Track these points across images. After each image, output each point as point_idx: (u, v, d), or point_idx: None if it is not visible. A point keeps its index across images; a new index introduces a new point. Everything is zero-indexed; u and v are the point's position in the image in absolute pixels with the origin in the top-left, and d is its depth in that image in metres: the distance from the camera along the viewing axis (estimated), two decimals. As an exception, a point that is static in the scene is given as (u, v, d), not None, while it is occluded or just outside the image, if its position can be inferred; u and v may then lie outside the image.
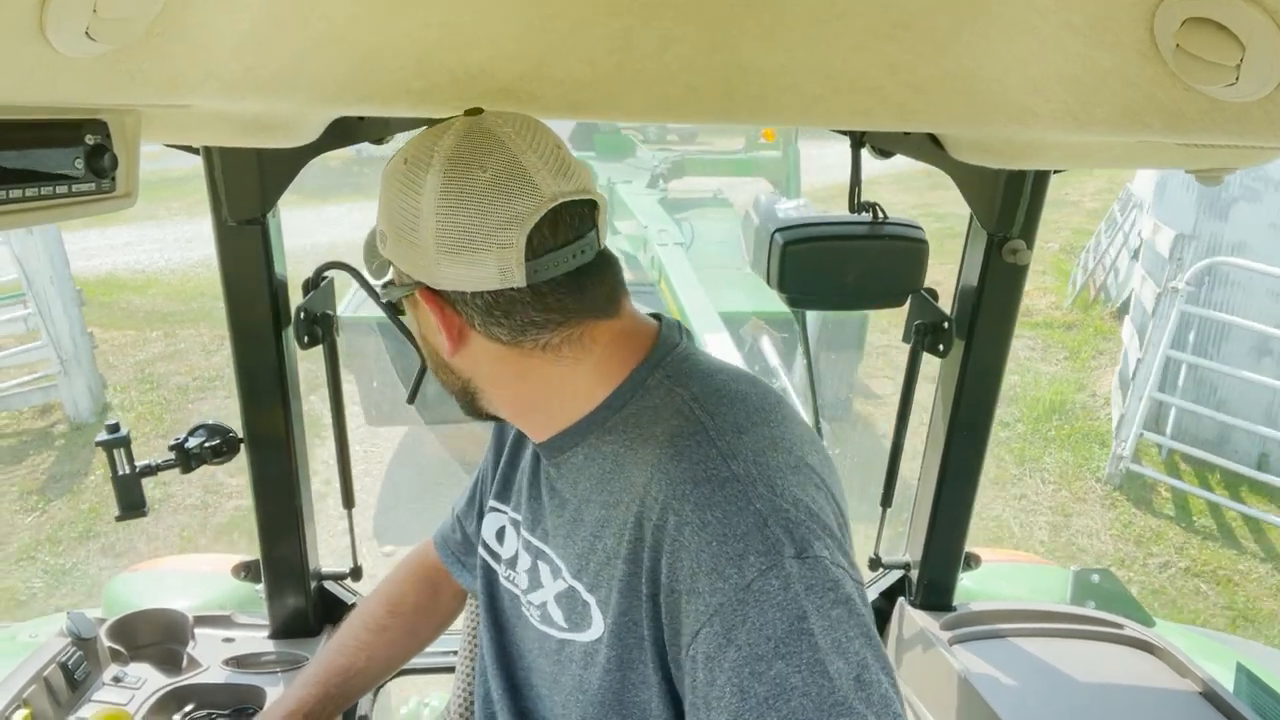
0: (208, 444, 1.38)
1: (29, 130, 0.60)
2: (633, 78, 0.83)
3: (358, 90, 0.84)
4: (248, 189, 1.24)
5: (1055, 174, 1.35)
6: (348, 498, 1.55)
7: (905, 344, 1.53)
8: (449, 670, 1.56)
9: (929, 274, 1.39)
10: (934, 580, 1.66)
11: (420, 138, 0.80)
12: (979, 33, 0.69)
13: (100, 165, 0.66)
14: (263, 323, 1.33)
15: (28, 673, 1.29)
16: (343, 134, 1.21)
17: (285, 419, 1.40)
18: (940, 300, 1.49)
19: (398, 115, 1.19)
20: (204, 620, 1.55)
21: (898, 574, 1.72)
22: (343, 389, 1.49)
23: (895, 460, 1.62)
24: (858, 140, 1.27)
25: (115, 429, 1.32)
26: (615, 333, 0.84)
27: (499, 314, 0.79)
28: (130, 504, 1.33)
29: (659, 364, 0.85)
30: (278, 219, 1.32)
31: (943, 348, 1.49)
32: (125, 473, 1.32)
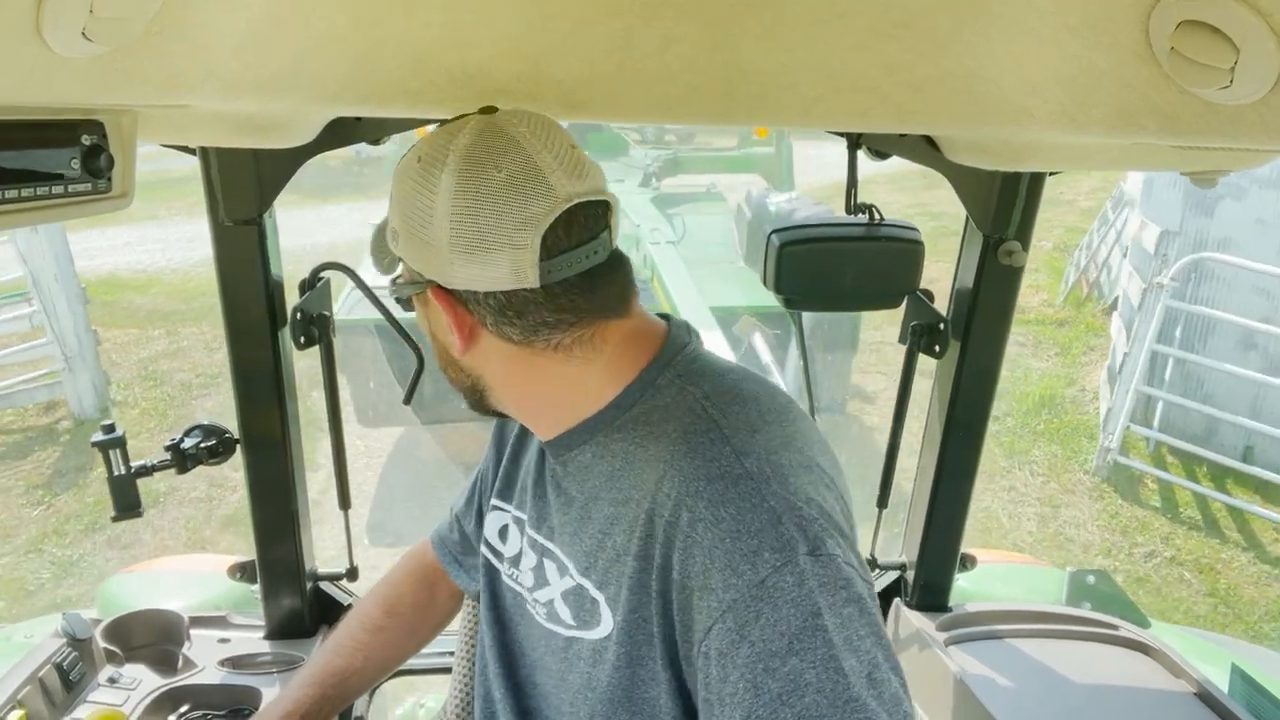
0: (204, 444, 1.38)
1: (25, 130, 0.60)
2: (633, 78, 0.83)
3: (356, 90, 0.84)
4: (244, 189, 1.24)
5: (1051, 175, 1.35)
6: (344, 498, 1.55)
7: (900, 344, 1.53)
8: (445, 671, 1.55)
9: (923, 271, 1.39)
10: (930, 581, 1.66)
11: (434, 136, 0.80)
12: (977, 33, 0.69)
13: (96, 166, 0.66)
14: (259, 323, 1.33)
15: (23, 673, 1.29)
16: (340, 135, 1.20)
17: (281, 419, 1.40)
18: (935, 299, 1.49)
19: (396, 115, 1.19)
20: (199, 621, 1.55)
21: (893, 575, 1.72)
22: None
23: (891, 461, 1.62)
24: (854, 142, 1.28)
25: (110, 429, 1.31)
26: (625, 332, 0.85)
27: (511, 314, 0.80)
28: (126, 505, 1.33)
29: (669, 363, 0.85)
30: (274, 219, 1.31)
31: (939, 349, 1.49)
32: (121, 473, 1.32)
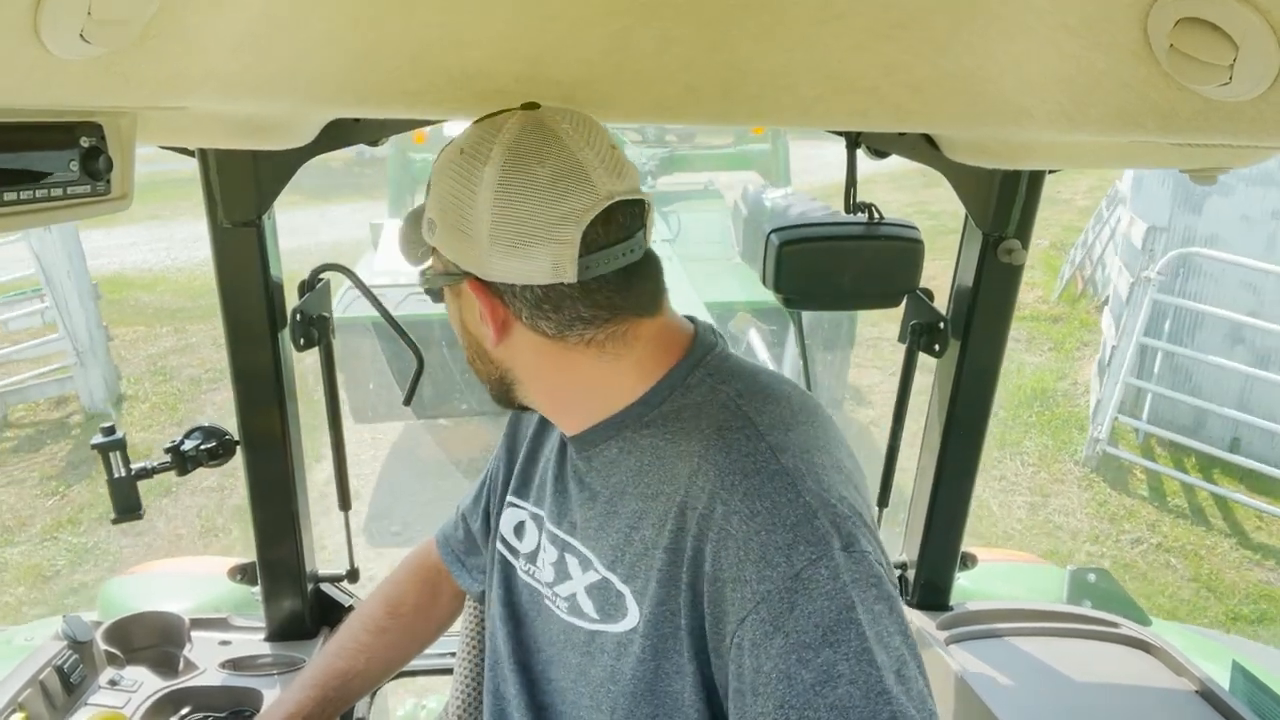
0: (204, 446, 1.38)
1: (23, 132, 0.60)
2: (631, 78, 0.84)
3: (354, 91, 0.84)
4: (243, 191, 1.24)
5: (1050, 174, 1.35)
6: (344, 499, 1.54)
7: (898, 342, 1.53)
8: (446, 672, 1.55)
9: (923, 269, 1.39)
10: (930, 580, 1.66)
11: (477, 130, 0.81)
12: (976, 33, 0.69)
13: (95, 168, 0.66)
14: (259, 324, 1.33)
15: (23, 676, 1.29)
16: (338, 136, 1.20)
17: (282, 421, 1.40)
18: (934, 298, 1.49)
19: (394, 116, 1.19)
20: (200, 623, 1.54)
21: (894, 574, 1.72)
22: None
23: (891, 460, 1.62)
24: (853, 141, 1.27)
25: (110, 431, 1.31)
26: (656, 331, 0.86)
27: (548, 308, 0.81)
28: (126, 507, 1.32)
29: (699, 363, 0.87)
30: (273, 221, 1.31)
31: (938, 347, 1.49)
32: (121, 475, 1.31)
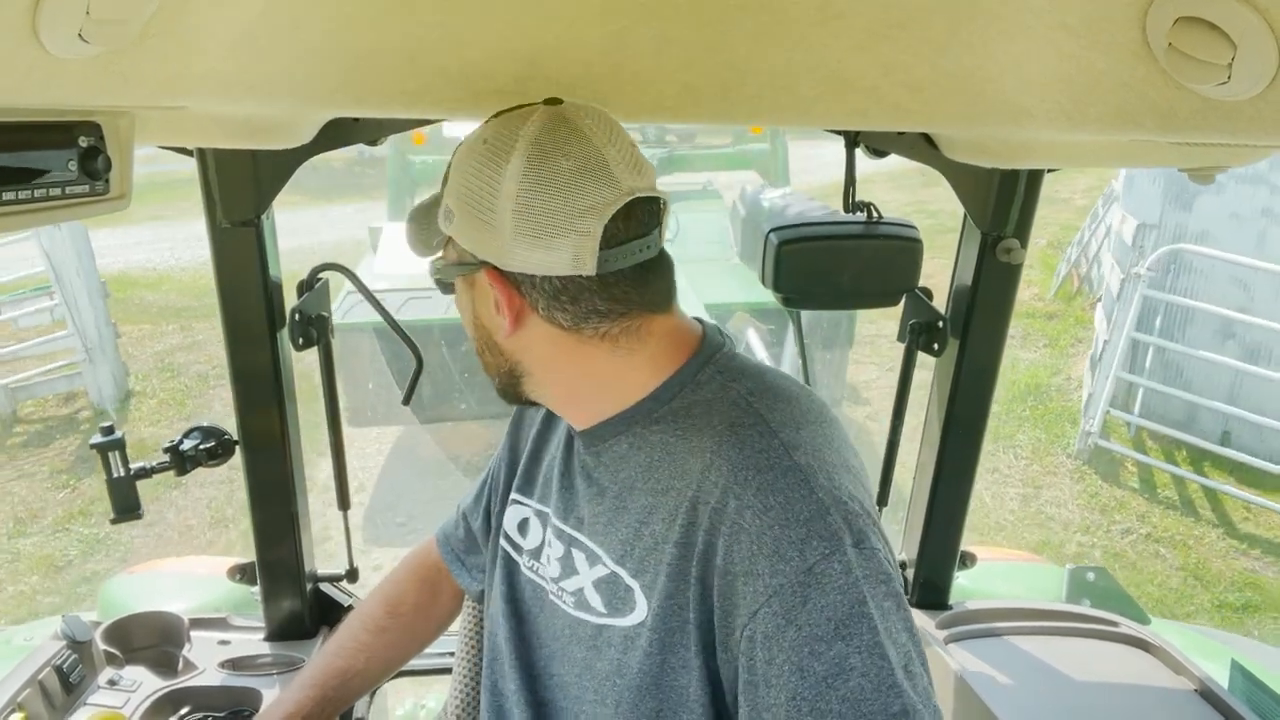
0: (202, 446, 1.38)
1: (22, 132, 0.60)
2: (629, 78, 0.84)
3: (353, 91, 0.84)
4: (242, 191, 1.24)
5: (1048, 173, 1.35)
6: (343, 499, 1.54)
7: (896, 340, 1.53)
8: (445, 672, 1.55)
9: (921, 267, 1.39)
10: (929, 579, 1.67)
11: (500, 122, 0.82)
12: (975, 33, 0.69)
13: (94, 167, 0.66)
14: (258, 324, 1.33)
15: (22, 676, 1.29)
16: (337, 135, 1.20)
17: (281, 421, 1.40)
18: (933, 297, 1.49)
19: (392, 116, 1.19)
20: (200, 623, 1.54)
21: (899, 573, 1.72)
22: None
23: (890, 458, 1.62)
24: (852, 140, 1.27)
25: (110, 431, 1.31)
26: (668, 328, 0.88)
27: (565, 299, 0.82)
28: (125, 507, 1.32)
29: (709, 360, 0.88)
30: (272, 221, 1.31)
31: (937, 346, 1.49)
32: (120, 475, 1.31)
